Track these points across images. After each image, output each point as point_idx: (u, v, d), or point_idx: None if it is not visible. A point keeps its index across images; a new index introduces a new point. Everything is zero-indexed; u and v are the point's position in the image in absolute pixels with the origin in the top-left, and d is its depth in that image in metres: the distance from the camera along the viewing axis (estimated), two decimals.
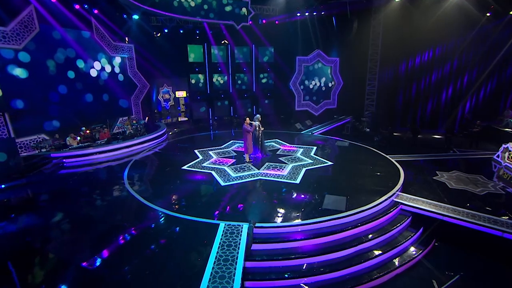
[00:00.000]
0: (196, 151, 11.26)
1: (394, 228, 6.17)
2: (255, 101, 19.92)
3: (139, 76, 16.48)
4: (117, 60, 15.05)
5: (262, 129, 10.06)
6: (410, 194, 7.24)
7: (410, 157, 10.69)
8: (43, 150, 11.19)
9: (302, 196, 6.97)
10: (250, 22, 17.40)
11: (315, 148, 11.39)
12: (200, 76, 18.46)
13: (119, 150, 11.78)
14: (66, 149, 11.21)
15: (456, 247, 6.26)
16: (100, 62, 14.04)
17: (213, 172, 8.77)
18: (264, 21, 17.76)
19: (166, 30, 16.81)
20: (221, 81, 19.05)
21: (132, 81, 16.22)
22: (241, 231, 5.32)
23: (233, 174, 8.54)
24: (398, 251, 5.87)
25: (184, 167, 9.32)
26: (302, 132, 15.20)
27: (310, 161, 9.70)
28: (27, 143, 11.46)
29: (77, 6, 12.78)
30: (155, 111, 18.43)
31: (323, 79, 18.60)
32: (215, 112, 19.31)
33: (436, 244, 6.36)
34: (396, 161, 9.63)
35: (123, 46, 15.41)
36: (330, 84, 18.92)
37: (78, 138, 12.25)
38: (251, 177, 8.27)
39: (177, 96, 18.77)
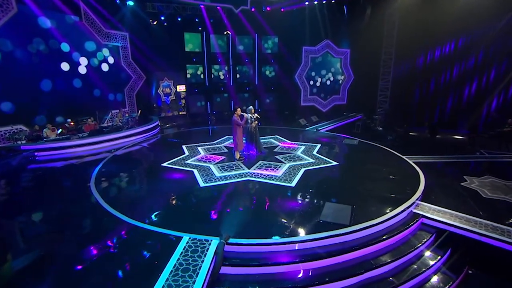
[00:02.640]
0: (184, 146, 10.01)
1: (414, 249, 4.71)
2: (257, 95, 18.53)
3: (133, 66, 15.37)
4: (109, 48, 13.93)
5: (256, 122, 8.74)
6: (433, 204, 5.75)
7: (430, 158, 9.12)
8: (21, 142, 10.17)
9: (296, 203, 5.57)
10: (253, 9, 16.08)
11: (319, 146, 9.96)
12: (198, 67, 17.19)
13: (101, 144, 10.67)
14: (41, 141, 10.14)
15: (497, 277, 4.75)
16: (89, 50, 12.93)
17: (195, 171, 7.49)
18: (268, 8, 16.36)
19: (162, 18, 15.64)
20: (221, 73, 17.74)
21: (126, 72, 15.13)
22: (207, 249, 4.00)
23: (217, 174, 7.23)
24: (418, 281, 4.42)
25: (164, 164, 8.07)
26: (307, 128, 13.75)
27: (312, 160, 8.29)
28: (1, 134, 10.47)
29: None
30: (154, 105, 17.30)
31: (332, 72, 17.07)
32: (213, 106, 18.02)
33: (469, 272, 4.85)
34: (414, 162, 8.11)
35: (116, 34, 14.31)
36: (339, 78, 17.36)
37: (60, 130, 11.24)
38: (238, 178, 6.94)
39: (178, 90, 17.55)
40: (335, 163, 8.06)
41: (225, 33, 16.79)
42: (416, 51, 15.90)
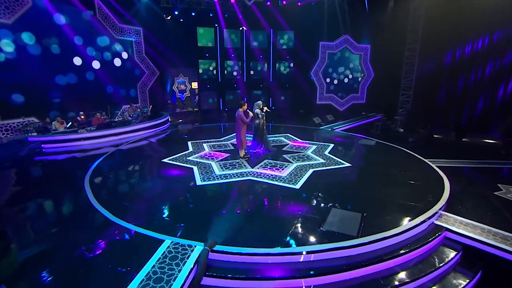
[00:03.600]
0: (189, 142, 9.64)
1: (435, 269, 3.97)
2: (271, 92, 17.91)
3: (147, 61, 15.27)
4: (122, 43, 13.87)
5: (263, 120, 8.15)
6: (460, 216, 4.93)
7: (456, 162, 8.15)
8: (31, 134, 10.23)
9: (298, 208, 4.95)
10: (269, 3, 15.50)
11: (332, 145, 9.23)
12: (211, 62, 16.82)
13: (107, 138, 10.53)
14: (49, 134, 10.13)
15: None
16: (102, 45, 12.89)
17: (195, 168, 7.04)
18: (284, 2, 15.72)
19: (176, 12, 15.42)
20: (235, 69, 17.27)
21: (139, 67, 15.04)
22: (188, 256, 3.50)
23: (217, 172, 6.74)
24: None
25: (165, 160, 7.70)
26: (321, 127, 12.99)
27: (322, 160, 7.61)
28: (14, 126, 10.59)
29: None
30: (169, 101, 17.16)
31: (351, 70, 16.14)
32: (226, 103, 17.61)
33: None
34: (437, 166, 7.22)
35: (129, 29, 14.22)
36: (358, 76, 16.40)
37: (70, 123, 11.26)
38: (238, 177, 6.41)
39: (193, 87, 17.28)
40: (348, 164, 7.33)
41: (240, 28, 16.33)
42: (443, 47, 14.63)
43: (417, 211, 4.74)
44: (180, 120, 15.48)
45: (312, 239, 3.97)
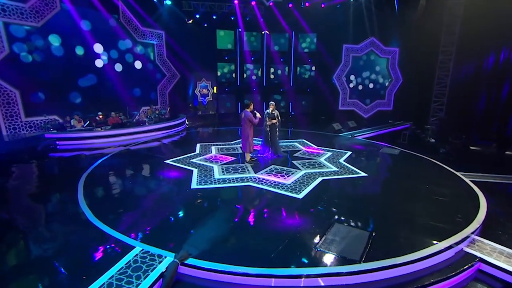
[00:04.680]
0: (198, 144, 9.33)
1: None
2: (292, 97, 17.27)
3: (168, 64, 15.42)
4: (144, 47, 14.13)
5: (273, 121, 7.60)
6: (499, 244, 3.98)
7: (496, 178, 6.96)
8: (51, 131, 10.54)
9: (295, 221, 4.30)
10: (290, 5, 15.04)
11: (349, 153, 8.41)
12: (230, 65, 16.61)
13: (119, 137, 10.56)
14: (64, 131, 10.36)
15: None
16: (124, 48, 13.19)
17: (195, 170, 6.64)
18: (307, 4, 15.16)
19: (197, 16, 15.48)
20: (255, 73, 16.91)
21: (160, 70, 15.22)
22: (154, 268, 3.02)
23: (217, 176, 6.27)
24: None
25: (167, 161, 7.40)
26: (341, 134, 12.10)
27: (335, 169, 6.86)
28: (37, 123, 11.01)
29: None
30: (190, 105, 17.20)
31: (377, 74, 15.09)
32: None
33: None
34: (472, 181, 6.16)
35: (152, 33, 14.47)
36: (385, 81, 15.29)
37: (88, 122, 11.52)
38: (238, 182, 5.89)
39: (215, 91, 17.18)
40: (363, 174, 6.50)
41: (262, 32, 16.00)
42: (484, 50, 13.13)
43: (442, 234, 3.89)
44: (197, 123, 15.36)
45: (303, 260, 3.31)
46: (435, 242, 3.70)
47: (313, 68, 16.60)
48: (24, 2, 10.18)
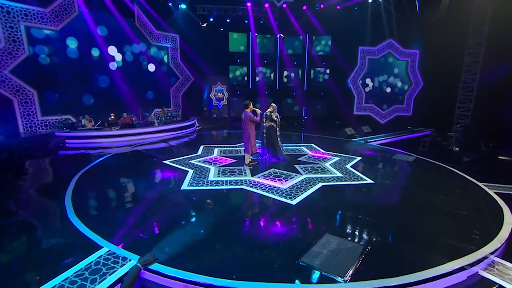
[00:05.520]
0: (201, 146, 9.14)
1: None
2: (305, 100, 16.80)
3: (181, 67, 15.53)
4: (158, 50, 14.32)
5: (271, 123, 7.26)
6: None
7: None
8: (65, 129, 10.82)
9: (282, 229, 3.87)
10: (305, 7, 14.71)
11: (358, 159, 7.84)
12: (242, 68, 16.45)
13: (125, 137, 10.62)
14: (74, 130, 10.57)
15: None
16: (138, 51, 13.42)
17: (190, 171, 6.40)
18: (322, 5, 14.75)
19: (211, 19, 15.53)
20: (268, 76, 16.63)
21: (174, 73, 15.35)
22: (113, 272, 2.75)
23: (212, 177, 5.98)
24: None
25: (166, 162, 7.22)
26: (353, 139, 11.46)
27: (339, 174, 6.35)
28: (52, 122, 11.36)
29: None
30: (205, 108, 17.24)
31: (395, 77, 14.30)
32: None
33: None
34: (496, 193, 5.42)
35: (166, 36, 14.66)
36: (404, 85, 14.44)
37: (100, 121, 11.73)
38: (231, 185, 5.56)
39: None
40: (369, 181, 5.95)
41: (278, 36, 15.76)
42: None
43: (453, 253, 3.32)
44: (207, 126, 15.27)
45: (278, 274, 2.89)
46: (442, 261, 3.15)
47: (327, 71, 16.08)
48: (45, 7, 10.58)
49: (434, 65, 13.54)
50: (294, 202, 4.73)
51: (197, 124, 14.59)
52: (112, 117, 12.18)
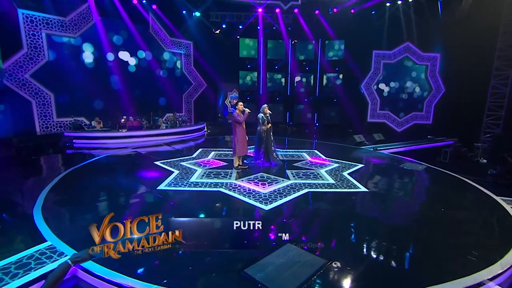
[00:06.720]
0: (200, 149, 9.02)
1: None
2: (317, 107, 16.26)
3: (194, 74, 15.75)
4: (172, 55, 14.63)
5: (268, 126, 6.95)
6: None
7: None
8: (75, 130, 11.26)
9: (241, 237, 3.49)
10: (317, 12, 14.38)
11: (359, 166, 7.25)
12: (253, 73, 16.33)
13: (129, 139, 10.82)
14: (82, 131, 10.95)
15: None
16: (152, 57, 13.76)
17: (175, 172, 6.23)
18: (335, 9, 14.33)
19: (224, 26, 15.68)
20: (278, 81, 16.38)
21: (187, 78, 15.58)
22: (41, 267, 2.58)
23: (194, 179, 5.75)
24: None
25: (157, 162, 7.14)
26: (363, 147, 10.74)
27: (331, 181, 5.84)
28: (66, 123, 11.87)
29: (134, 1, 12.82)
30: (219, 114, 17.34)
31: (413, 83, 13.41)
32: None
33: None
34: None
35: (180, 43, 14.98)
36: (423, 91, 13.48)
37: (110, 124, 12.08)
38: (210, 187, 5.28)
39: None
40: (363, 189, 5.39)
41: (293, 42, 15.53)
42: None
43: (443, 275, 2.77)
44: (208, 131, 15.21)
45: (214, 285, 2.53)
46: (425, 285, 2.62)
47: (340, 76, 15.48)
48: (65, 16, 11.22)
49: (458, 70, 12.50)
50: (267, 207, 4.34)
51: (205, 129, 14.59)
52: (123, 120, 12.51)
